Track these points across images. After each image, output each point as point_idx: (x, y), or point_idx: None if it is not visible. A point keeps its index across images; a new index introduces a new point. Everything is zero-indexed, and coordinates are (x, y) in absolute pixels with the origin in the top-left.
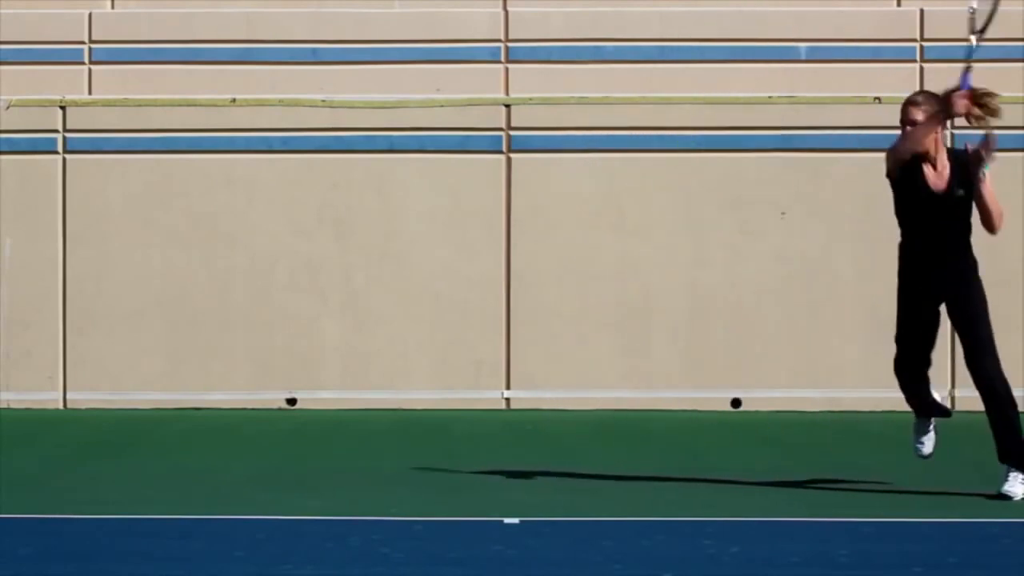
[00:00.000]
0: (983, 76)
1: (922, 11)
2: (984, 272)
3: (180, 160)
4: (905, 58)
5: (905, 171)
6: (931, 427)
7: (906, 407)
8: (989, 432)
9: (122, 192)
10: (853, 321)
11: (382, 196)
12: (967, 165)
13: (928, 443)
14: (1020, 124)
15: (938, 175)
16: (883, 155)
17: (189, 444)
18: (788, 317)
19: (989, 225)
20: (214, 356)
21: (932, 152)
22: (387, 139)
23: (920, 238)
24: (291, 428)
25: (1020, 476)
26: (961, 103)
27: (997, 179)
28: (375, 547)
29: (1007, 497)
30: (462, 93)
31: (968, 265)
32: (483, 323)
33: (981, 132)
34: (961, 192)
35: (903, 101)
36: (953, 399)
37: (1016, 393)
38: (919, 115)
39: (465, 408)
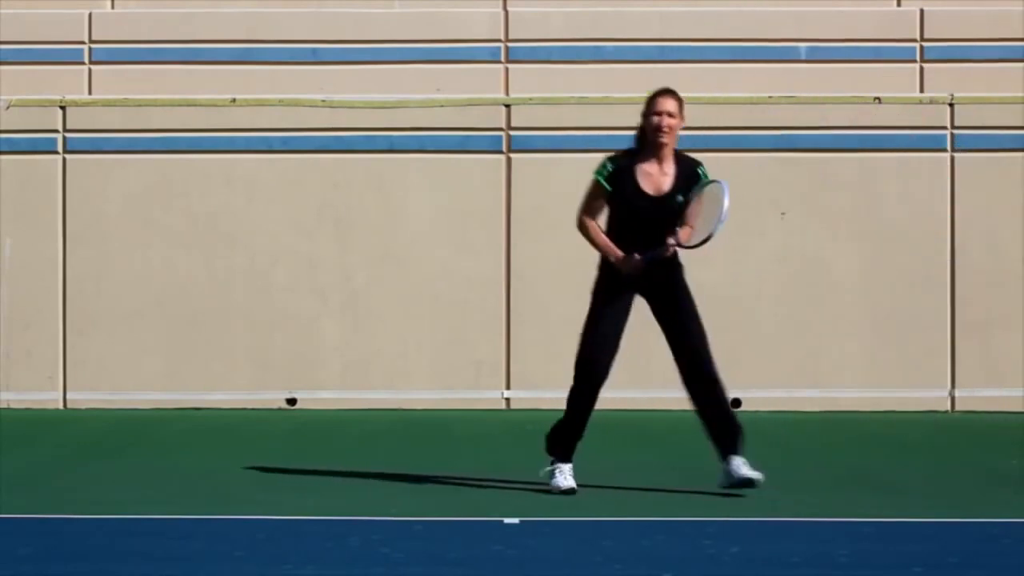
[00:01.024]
0: (982, 75)
1: (922, 11)
2: (984, 272)
3: (180, 160)
4: (905, 58)
5: (622, 175)
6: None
7: (905, 406)
8: (988, 432)
9: (122, 192)
10: (853, 321)
11: (382, 196)
12: (692, 173)
13: (567, 477)
14: (1020, 124)
15: (660, 178)
16: (883, 155)
17: (189, 444)
18: (788, 317)
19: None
20: (214, 356)
21: (662, 154)
22: (387, 139)
23: (631, 236)
24: (291, 428)
25: (741, 459)
26: (628, 269)
27: (999, 178)
28: (375, 547)
29: (751, 480)
30: (462, 93)
31: (677, 265)
32: (483, 323)
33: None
34: (680, 199)
35: (659, 92)
36: (953, 399)
37: (1016, 393)
38: (673, 106)
39: (465, 408)
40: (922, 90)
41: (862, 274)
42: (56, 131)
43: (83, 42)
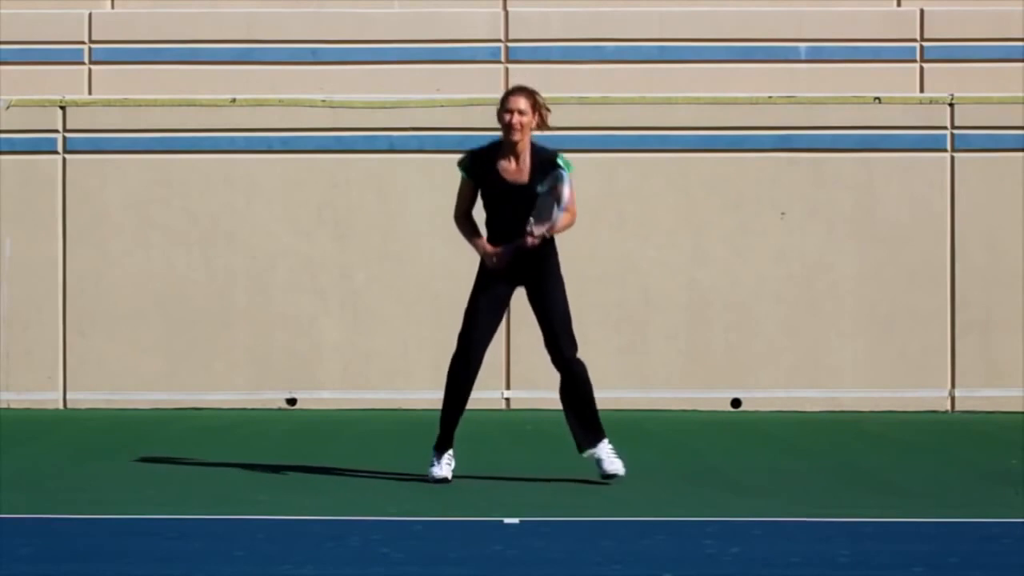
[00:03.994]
0: (982, 75)
1: (922, 11)
2: (984, 271)
3: (180, 160)
4: (905, 58)
5: (482, 168)
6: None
7: (905, 406)
8: (988, 432)
9: (122, 192)
10: (853, 321)
11: (382, 196)
12: (550, 163)
13: (446, 467)
14: (1020, 124)
15: (518, 170)
16: (883, 155)
17: (189, 444)
18: (788, 317)
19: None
20: (214, 356)
21: (517, 149)
22: (387, 139)
23: (501, 227)
24: (291, 428)
25: (608, 447)
26: (494, 264)
27: (999, 178)
28: (375, 547)
29: (615, 475)
30: (462, 93)
31: (547, 252)
32: None
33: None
34: (542, 188)
35: (510, 91)
36: (953, 399)
37: (1015, 393)
38: (523, 103)
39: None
40: (922, 90)
41: (862, 274)
42: (56, 131)
43: (83, 42)
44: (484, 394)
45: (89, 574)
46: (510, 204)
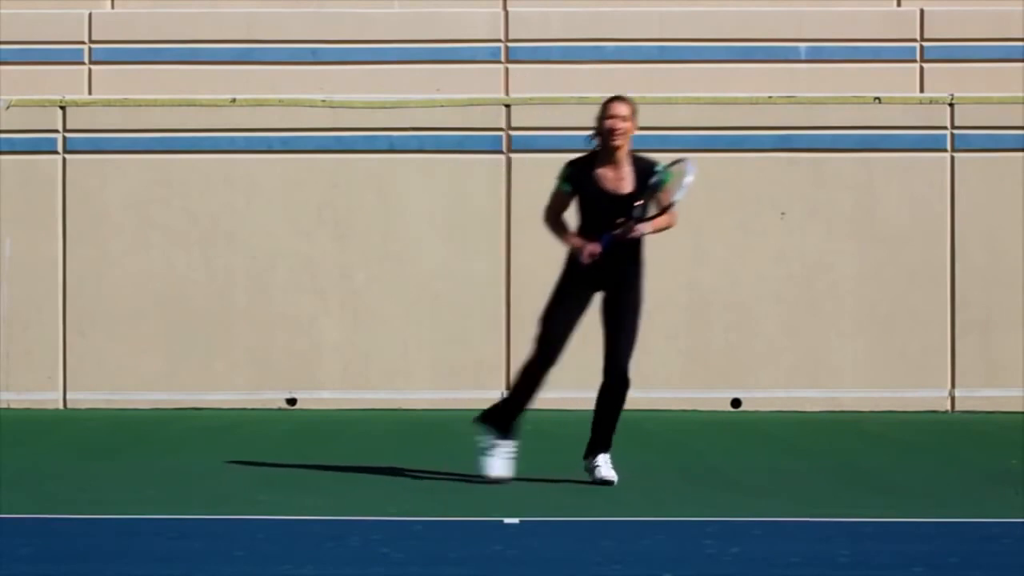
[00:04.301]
0: (982, 75)
1: (922, 11)
2: (984, 271)
3: (180, 160)
4: (905, 58)
5: (582, 178)
6: (510, 449)
7: (905, 406)
8: (988, 432)
9: (122, 192)
10: (853, 321)
11: (382, 196)
12: (649, 173)
13: (501, 466)
14: (1020, 124)
15: (617, 178)
16: (883, 155)
17: (189, 444)
18: (788, 317)
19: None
20: (214, 356)
21: (617, 156)
22: (387, 139)
23: (594, 234)
24: (291, 428)
25: (607, 458)
26: (586, 255)
27: (999, 178)
28: (375, 547)
29: (612, 483)
30: (462, 93)
31: (636, 265)
32: (483, 323)
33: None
34: (640, 200)
35: (611, 99)
36: (953, 399)
37: (1015, 393)
38: (625, 110)
39: (465, 408)
40: (922, 90)
41: (862, 274)
42: (56, 131)
43: (83, 42)
44: (484, 394)
45: (89, 574)
46: (608, 214)
